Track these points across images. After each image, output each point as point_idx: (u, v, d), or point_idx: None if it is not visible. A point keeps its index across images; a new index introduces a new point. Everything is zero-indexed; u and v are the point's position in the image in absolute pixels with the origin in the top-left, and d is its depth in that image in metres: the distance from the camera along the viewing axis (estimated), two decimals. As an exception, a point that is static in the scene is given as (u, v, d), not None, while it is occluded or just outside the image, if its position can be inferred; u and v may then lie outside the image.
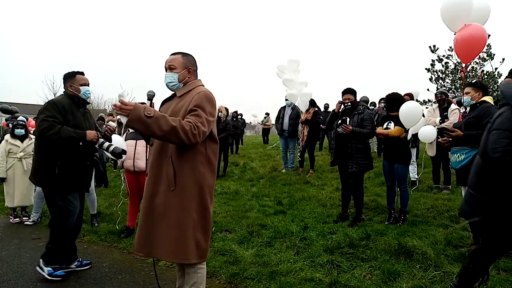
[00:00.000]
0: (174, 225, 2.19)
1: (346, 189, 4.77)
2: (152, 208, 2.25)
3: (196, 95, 2.24)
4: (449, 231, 3.98)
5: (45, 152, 3.17)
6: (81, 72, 3.41)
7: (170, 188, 2.20)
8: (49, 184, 3.19)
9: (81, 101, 3.33)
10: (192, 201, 2.22)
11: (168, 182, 2.21)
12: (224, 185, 7.07)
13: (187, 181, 2.21)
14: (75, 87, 3.30)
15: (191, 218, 2.21)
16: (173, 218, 2.20)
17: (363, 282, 2.89)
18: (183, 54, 2.42)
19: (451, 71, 11.87)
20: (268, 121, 17.38)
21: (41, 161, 3.20)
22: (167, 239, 2.20)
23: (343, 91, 4.70)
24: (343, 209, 4.80)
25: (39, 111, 3.15)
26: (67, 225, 3.24)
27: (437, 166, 6.20)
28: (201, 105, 2.20)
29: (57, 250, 3.27)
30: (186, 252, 2.19)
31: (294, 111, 8.31)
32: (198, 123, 2.13)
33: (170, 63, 2.37)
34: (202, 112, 2.19)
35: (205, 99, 2.24)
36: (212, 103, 2.27)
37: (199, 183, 2.24)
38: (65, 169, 3.18)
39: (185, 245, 2.19)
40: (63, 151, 3.15)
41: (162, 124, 2.03)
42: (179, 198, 2.20)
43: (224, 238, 4.05)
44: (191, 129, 2.09)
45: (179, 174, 2.20)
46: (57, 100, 3.21)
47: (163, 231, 2.21)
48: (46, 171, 3.17)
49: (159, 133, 2.04)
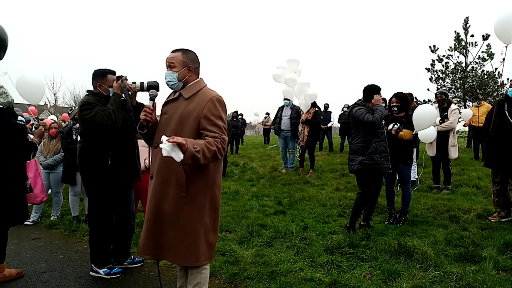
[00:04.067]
0: (186, 230, 2.17)
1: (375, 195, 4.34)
2: (160, 214, 2.21)
3: (209, 102, 2.20)
4: (449, 231, 3.98)
5: (95, 144, 3.14)
6: (113, 71, 3.30)
7: (181, 194, 2.16)
8: (101, 176, 3.15)
9: (107, 101, 3.17)
10: (205, 207, 2.21)
11: (179, 188, 2.17)
12: (224, 185, 7.06)
13: (200, 187, 2.19)
14: (104, 88, 3.24)
15: (203, 223, 2.20)
16: (185, 224, 2.17)
17: (363, 282, 2.89)
18: (183, 51, 2.36)
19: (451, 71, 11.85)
20: (268, 121, 17.40)
21: (92, 154, 3.15)
22: (178, 244, 2.17)
23: (377, 88, 4.21)
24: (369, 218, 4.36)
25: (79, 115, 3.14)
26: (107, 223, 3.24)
27: (437, 166, 6.19)
28: (218, 114, 2.19)
29: (102, 250, 3.26)
30: (198, 256, 2.18)
31: (294, 110, 8.31)
32: (223, 135, 2.15)
33: (170, 61, 2.33)
34: (220, 121, 2.19)
35: (219, 106, 2.23)
36: (224, 108, 2.28)
37: (211, 187, 2.23)
38: (117, 159, 3.16)
39: (198, 249, 2.18)
40: (113, 141, 3.13)
41: (206, 153, 2.03)
42: (192, 204, 2.18)
43: (224, 238, 4.04)
44: (222, 145, 2.12)
45: (191, 179, 2.16)
46: (86, 99, 3.17)
47: (173, 236, 2.18)
48: (98, 163, 3.13)
49: (204, 161, 2.04)
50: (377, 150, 4.00)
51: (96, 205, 3.25)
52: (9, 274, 3.23)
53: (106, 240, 3.28)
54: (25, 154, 3.38)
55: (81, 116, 3.11)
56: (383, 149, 4.03)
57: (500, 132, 4.37)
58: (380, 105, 4.10)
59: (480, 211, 4.68)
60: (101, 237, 3.25)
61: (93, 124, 3.03)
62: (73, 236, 4.56)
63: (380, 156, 4.00)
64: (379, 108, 4.04)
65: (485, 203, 5.06)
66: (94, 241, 3.26)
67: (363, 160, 4.02)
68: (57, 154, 5.33)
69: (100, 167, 3.14)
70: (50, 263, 3.64)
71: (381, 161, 4.00)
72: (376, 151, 4.00)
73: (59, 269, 3.48)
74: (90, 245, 3.32)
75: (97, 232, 3.24)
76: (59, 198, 5.44)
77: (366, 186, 4.11)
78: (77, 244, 4.26)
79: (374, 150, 4.01)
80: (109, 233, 3.28)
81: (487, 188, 5.82)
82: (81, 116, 3.10)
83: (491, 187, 4.74)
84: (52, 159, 5.29)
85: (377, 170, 4.01)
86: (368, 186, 4.10)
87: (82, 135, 3.27)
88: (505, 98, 4.49)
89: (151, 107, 2.34)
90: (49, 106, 31.11)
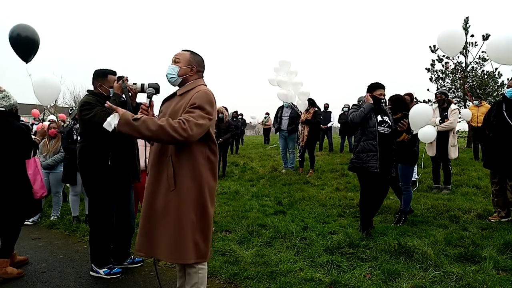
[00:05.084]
0: (173, 226, 2.20)
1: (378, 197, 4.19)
2: (152, 208, 2.26)
3: (195, 94, 2.24)
4: (449, 231, 3.98)
5: (95, 145, 3.14)
6: (113, 71, 3.30)
7: (170, 188, 2.20)
8: (101, 177, 3.14)
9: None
10: (191, 202, 2.22)
11: (168, 182, 2.21)
12: (224, 185, 7.06)
13: (187, 181, 2.21)
14: (105, 88, 3.23)
15: (189, 219, 2.21)
16: (172, 218, 2.20)
17: (363, 282, 2.89)
18: (192, 52, 2.43)
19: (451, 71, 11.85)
20: (268, 121, 17.40)
21: (91, 155, 3.15)
22: (166, 239, 2.20)
23: (374, 86, 4.10)
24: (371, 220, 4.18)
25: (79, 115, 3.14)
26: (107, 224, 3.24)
27: (437, 166, 6.20)
28: (198, 102, 2.20)
29: (102, 250, 3.26)
30: (185, 253, 2.19)
31: (293, 110, 8.35)
32: (189, 118, 2.12)
33: (176, 57, 2.40)
34: (197, 109, 2.18)
35: (204, 96, 2.24)
36: (210, 101, 2.26)
37: (198, 184, 2.24)
38: (117, 160, 3.16)
39: (184, 246, 2.19)
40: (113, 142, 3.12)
41: (149, 125, 2.08)
42: (178, 198, 2.20)
43: (224, 238, 4.04)
44: (180, 125, 2.09)
45: (178, 174, 2.20)
46: (86, 100, 3.17)
47: (162, 232, 2.22)
48: (98, 164, 3.13)
49: (147, 133, 2.09)
50: (365, 148, 3.95)
51: (96, 205, 3.25)
52: (11, 272, 3.26)
53: (106, 240, 3.28)
54: (26, 153, 3.46)
55: (81, 116, 3.11)
56: (370, 148, 3.92)
57: (499, 132, 4.37)
58: (367, 103, 4.02)
59: (480, 211, 4.68)
60: (101, 237, 3.24)
61: (92, 124, 3.02)
62: (73, 236, 4.56)
63: (367, 155, 3.92)
64: (363, 106, 4.00)
65: (485, 203, 5.06)
66: (94, 241, 3.26)
67: (353, 159, 4.07)
68: (56, 154, 5.33)
69: (100, 168, 3.14)
70: (50, 263, 3.64)
71: (368, 160, 3.90)
72: (363, 150, 3.96)
73: (59, 269, 3.48)
74: (90, 245, 3.32)
75: (97, 232, 3.24)
76: (59, 198, 5.44)
77: (361, 185, 4.13)
78: (77, 244, 4.26)
79: (361, 148, 3.98)
80: (109, 233, 3.28)
81: (487, 188, 5.82)
82: (81, 116, 3.10)
83: (490, 187, 4.74)
84: (51, 159, 5.28)
85: (363, 169, 3.94)
86: (362, 185, 4.11)
87: (81, 135, 3.27)
88: (503, 99, 4.49)
89: (147, 104, 2.41)
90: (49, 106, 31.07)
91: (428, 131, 4.92)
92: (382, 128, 3.99)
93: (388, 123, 4.03)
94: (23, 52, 5.20)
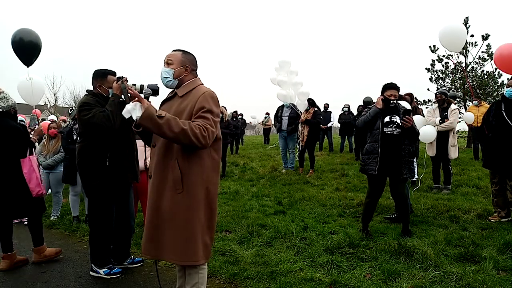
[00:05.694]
0: (182, 228, 2.19)
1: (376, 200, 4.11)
2: (158, 212, 2.24)
3: (201, 96, 2.23)
4: (449, 231, 3.98)
5: (94, 145, 3.14)
6: (113, 72, 3.30)
7: (177, 191, 2.19)
8: (100, 177, 3.14)
9: (106, 102, 3.15)
10: (200, 204, 2.22)
11: (175, 185, 2.19)
12: (224, 185, 7.06)
13: (195, 183, 2.21)
14: (104, 88, 3.23)
15: (199, 221, 2.21)
16: (181, 221, 2.19)
17: (363, 282, 2.89)
18: (183, 52, 2.42)
19: (451, 71, 11.85)
20: (268, 121, 17.41)
21: (90, 155, 3.15)
22: (175, 242, 2.19)
23: (386, 86, 4.05)
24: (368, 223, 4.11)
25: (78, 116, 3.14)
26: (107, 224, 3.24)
27: (437, 166, 6.19)
28: (208, 106, 2.20)
29: (102, 250, 3.26)
30: (195, 254, 2.20)
31: (293, 110, 8.36)
32: (207, 125, 2.14)
33: (168, 58, 2.38)
34: (209, 114, 2.19)
35: (211, 100, 2.24)
36: (217, 103, 2.29)
37: (206, 184, 2.24)
38: (116, 160, 3.16)
39: (194, 248, 2.19)
40: (112, 142, 3.13)
41: (173, 126, 2.06)
42: (187, 201, 2.20)
43: (224, 238, 4.04)
44: (201, 132, 2.10)
45: (186, 176, 2.19)
46: (85, 100, 3.17)
47: (171, 234, 2.21)
48: (96, 164, 3.13)
49: (169, 134, 2.07)
50: (367, 150, 3.99)
51: (96, 206, 3.25)
52: (49, 254, 3.61)
53: (106, 240, 3.28)
54: (22, 153, 3.53)
55: (80, 117, 3.11)
56: (372, 150, 3.93)
57: (498, 132, 4.37)
58: (374, 107, 3.97)
59: (480, 211, 4.68)
60: (101, 237, 3.24)
61: (91, 125, 3.03)
62: (73, 236, 4.56)
63: (369, 157, 3.94)
64: (370, 110, 4.00)
65: (485, 203, 5.06)
66: (94, 241, 3.26)
67: (360, 161, 4.16)
68: (56, 154, 5.33)
69: (98, 168, 3.14)
70: (50, 263, 3.64)
71: (369, 162, 3.93)
72: (367, 152, 3.99)
73: (59, 269, 3.48)
74: (90, 245, 3.32)
75: (97, 232, 3.24)
76: (59, 198, 5.43)
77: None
78: (77, 244, 4.26)
79: (365, 151, 4.03)
80: (109, 233, 3.28)
81: (487, 188, 5.82)
82: (80, 117, 3.10)
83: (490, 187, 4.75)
84: (51, 159, 5.28)
85: (364, 170, 3.99)
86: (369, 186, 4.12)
87: (80, 135, 3.27)
88: (502, 98, 4.49)
89: None
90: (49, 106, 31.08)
91: (428, 131, 4.93)
92: (390, 129, 3.90)
93: (398, 123, 3.90)
94: (25, 57, 5.20)
